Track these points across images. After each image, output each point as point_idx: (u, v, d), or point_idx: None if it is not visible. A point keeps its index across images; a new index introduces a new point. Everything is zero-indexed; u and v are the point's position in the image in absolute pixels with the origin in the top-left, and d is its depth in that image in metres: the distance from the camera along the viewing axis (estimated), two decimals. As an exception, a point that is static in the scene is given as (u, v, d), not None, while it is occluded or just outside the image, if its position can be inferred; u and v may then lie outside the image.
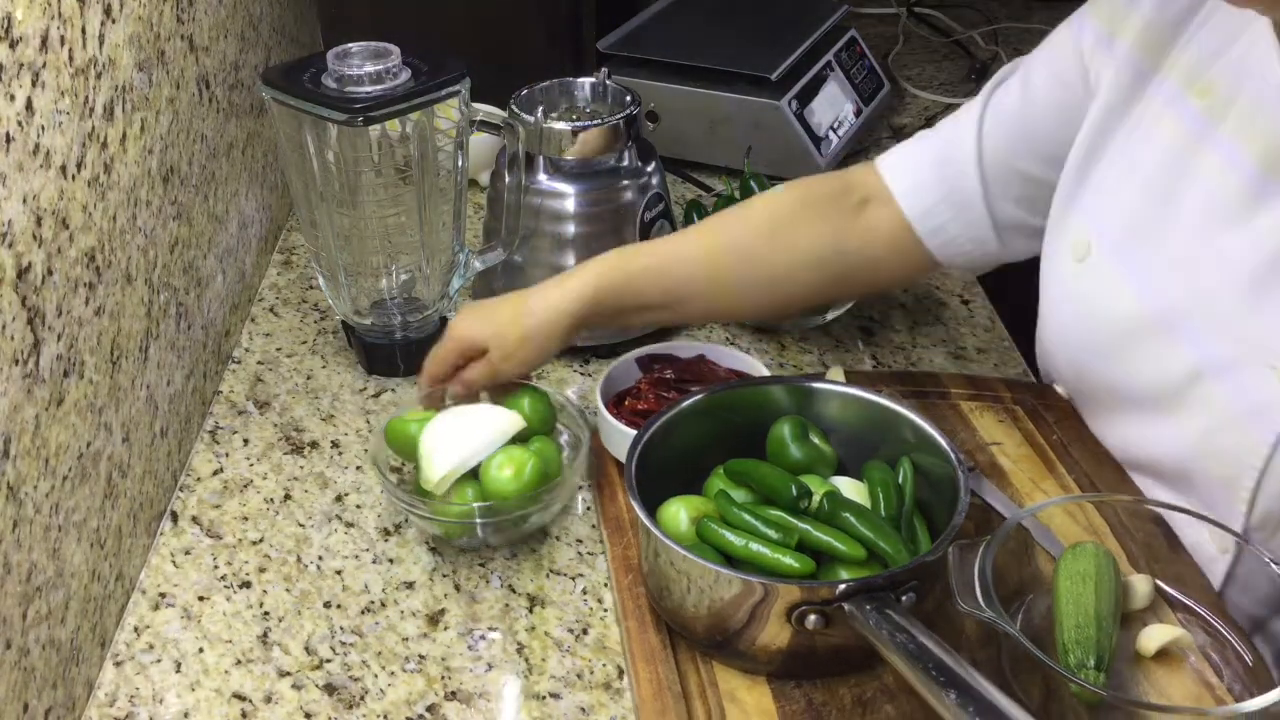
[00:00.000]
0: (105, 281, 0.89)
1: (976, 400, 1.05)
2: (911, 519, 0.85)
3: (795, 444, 0.90)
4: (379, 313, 1.17)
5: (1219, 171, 0.82)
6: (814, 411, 0.93)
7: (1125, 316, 0.87)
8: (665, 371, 1.05)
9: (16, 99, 0.75)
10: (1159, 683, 0.77)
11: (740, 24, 1.62)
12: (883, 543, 0.80)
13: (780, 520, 0.83)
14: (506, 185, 1.14)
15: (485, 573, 0.94)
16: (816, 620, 0.75)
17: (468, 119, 1.10)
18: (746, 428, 0.92)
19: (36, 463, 0.77)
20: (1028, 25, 2.00)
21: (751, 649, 0.79)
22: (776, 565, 0.80)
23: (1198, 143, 0.83)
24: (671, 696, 0.79)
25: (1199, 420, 0.83)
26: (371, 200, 1.11)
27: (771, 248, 1.02)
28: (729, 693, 0.80)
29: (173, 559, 0.96)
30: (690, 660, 0.82)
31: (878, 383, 1.07)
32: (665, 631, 0.84)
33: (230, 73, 1.23)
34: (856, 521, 0.82)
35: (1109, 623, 0.76)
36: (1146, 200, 0.86)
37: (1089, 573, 0.78)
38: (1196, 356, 0.82)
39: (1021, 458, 0.98)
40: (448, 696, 0.84)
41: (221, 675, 0.86)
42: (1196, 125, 0.84)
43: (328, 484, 1.04)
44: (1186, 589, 0.83)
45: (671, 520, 0.86)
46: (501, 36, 1.54)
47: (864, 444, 0.91)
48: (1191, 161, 0.84)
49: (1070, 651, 0.74)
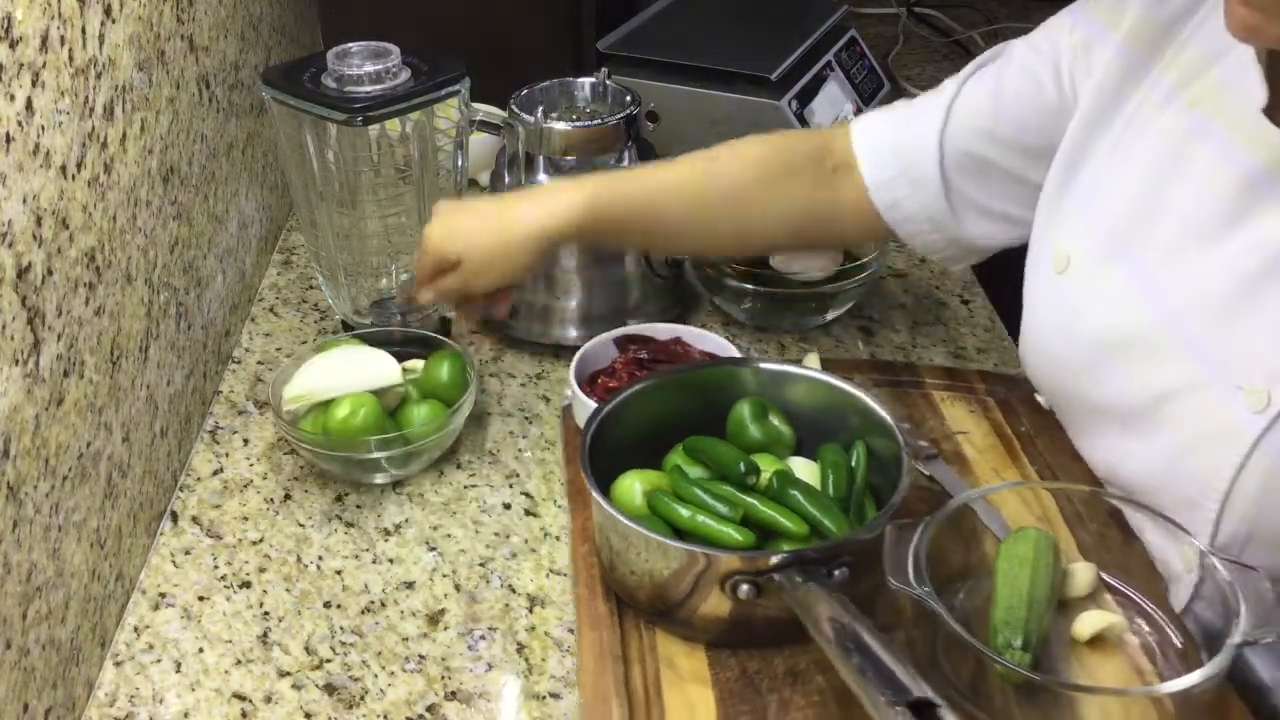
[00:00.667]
0: (105, 281, 0.89)
1: (949, 390, 1.07)
2: (862, 500, 0.88)
3: (754, 424, 0.92)
4: (379, 313, 1.17)
5: (1195, 193, 0.82)
6: (774, 394, 0.95)
7: (1099, 331, 0.87)
8: (640, 352, 1.07)
9: (16, 99, 0.75)
10: (1091, 667, 0.78)
11: (740, 24, 1.62)
12: (826, 520, 0.83)
13: (728, 495, 0.86)
14: (506, 185, 1.14)
15: (485, 573, 0.95)
16: (749, 590, 0.78)
17: (468, 119, 1.10)
18: (708, 407, 0.94)
19: (36, 463, 0.77)
20: (1028, 25, 1.98)
21: (691, 617, 0.82)
22: (720, 537, 0.83)
23: (1176, 159, 0.83)
24: (611, 659, 0.81)
25: (1166, 440, 0.83)
26: (371, 200, 1.11)
27: (757, 197, 1.02)
28: (667, 658, 0.82)
29: (173, 559, 0.96)
30: (635, 628, 0.85)
31: (854, 370, 1.10)
32: (613, 600, 0.87)
33: (230, 73, 1.23)
34: (804, 499, 0.85)
35: (1041, 606, 0.78)
36: (1125, 216, 0.86)
37: (1026, 557, 0.80)
38: (1167, 375, 0.82)
39: (987, 447, 1.00)
40: (448, 696, 0.84)
41: (221, 675, 0.86)
42: (1177, 142, 0.84)
43: (328, 484, 1.04)
44: (1131, 579, 0.84)
45: (626, 493, 0.88)
46: (501, 36, 1.54)
47: (822, 426, 0.93)
48: (1170, 179, 0.84)
49: (1000, 632, 0.76)
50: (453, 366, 1.05)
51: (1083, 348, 0.89)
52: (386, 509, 1.01)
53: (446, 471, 1.05)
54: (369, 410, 0.99)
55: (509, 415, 1.12)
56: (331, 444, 0.99)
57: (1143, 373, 0.84)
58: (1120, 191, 0.87)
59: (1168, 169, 0.84)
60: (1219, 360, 0.79)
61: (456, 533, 0.98)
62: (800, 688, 0.79)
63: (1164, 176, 0.84)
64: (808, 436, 0.94)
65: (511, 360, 1.20)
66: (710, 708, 0.78)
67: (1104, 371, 0.87)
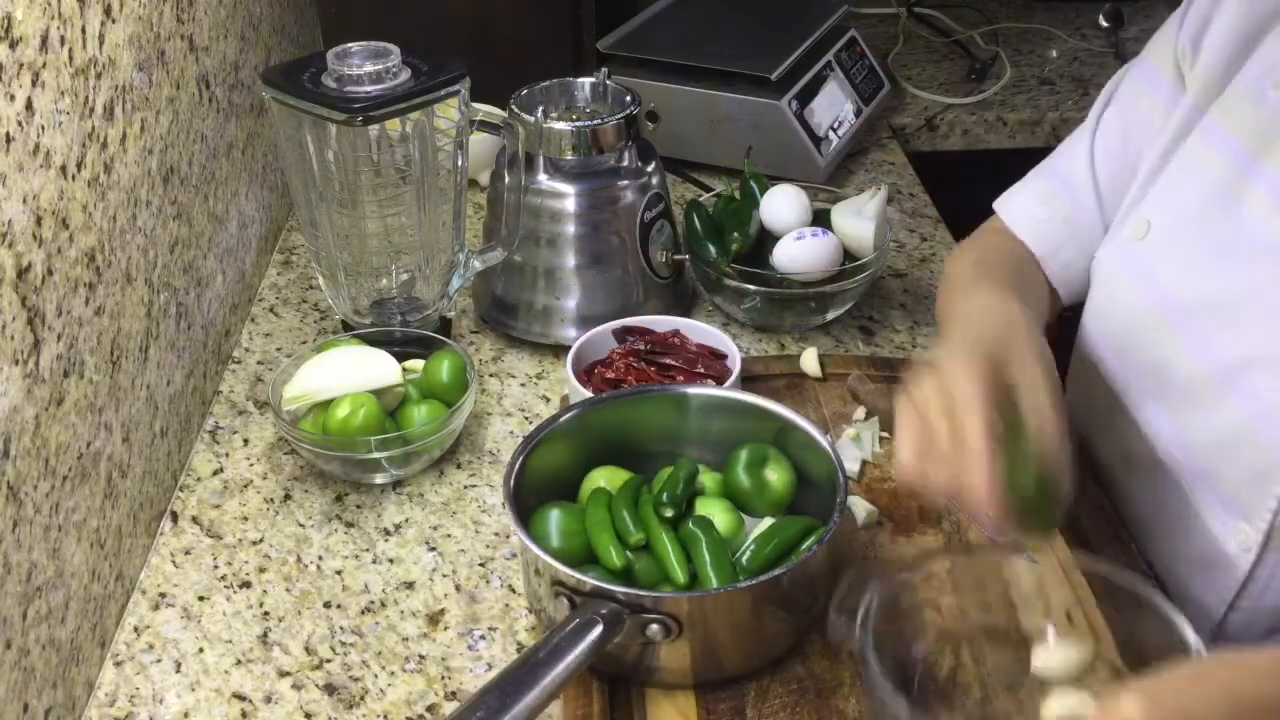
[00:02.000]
0: (105, 281, 0.89)
1: None
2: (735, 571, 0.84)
3: (745, 471, 0.89)
4: (379, 313, 1.17)
5: (1276, 164, 0.82)
6: (693, 416, 0.94)
7: (1179, 294, 0.87)
8: (639, 343, 1.07)
9: (16, 99, 0.75)
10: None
11: (740, 24, 1.62)
12: (714, 575, 0.81)
13: (634, 521, 0.85)
14: (506, 185, 1.14)
15: (485, 573, 0.95)
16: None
17: (468, 119, 1.10)
18: (639, 435, 0.94)
19: (36, 463, 0.77)
20: (1028, 25, 2.00)
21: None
22: (601, 552, 0.84)
23: (1273, 131, 0.84)
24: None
25: (1239, 410, 0.82)
26: (371, 200, 1.11)
27: None
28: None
29: (173, 559, 0.96)
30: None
31: (851, 366, 1.10)
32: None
33: (230, 73, 1.23)
34: (705, 550, 0.83)
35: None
36: (1218, 183, 0.87)
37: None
38: (1245, 344, 0.82)
39: None
40: (448, 696, 0.84)
41: (221, 675, 0.86)
42: (1273, 115, 0.84)
43: (328, 484, 1.04)
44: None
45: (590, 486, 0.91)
46: (501, 36, 1.54)
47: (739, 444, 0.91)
48: (1266, 149, 0.84)
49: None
50: (453, 366, 1.05)
51: (1160, 309, 0.88)
52: (386, 509, 1.01)
53: (446, 471, 1.05)
54: (369, 410, 0.99)
55: (509, 415, 1.12)
56: (331, 444, 0.99)
57: (1220, 340, 0.83)
58: (1215, 162, 0.87)
59: (1266, 139, 0.84)
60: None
61: (456, 533, 0.98)
62: (779, 676, 0.80)
63: (1260, 146, 0.84)
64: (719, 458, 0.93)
65: (511, 360, 1.20)
66: (690, 696, 0.79)
67: (1181, 335, 0.86)
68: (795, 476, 0.90)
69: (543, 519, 0.86)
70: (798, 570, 0.79)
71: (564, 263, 1.17)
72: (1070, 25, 1.99)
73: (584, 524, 0.86)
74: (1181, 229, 0.89)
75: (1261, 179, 0.84)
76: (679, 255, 1.23)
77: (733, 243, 1.19)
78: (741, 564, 0.83)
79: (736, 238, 1.20)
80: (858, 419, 1.04)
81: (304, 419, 1.02)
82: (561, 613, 0.80)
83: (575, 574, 0.78)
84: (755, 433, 0.91)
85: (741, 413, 0.93)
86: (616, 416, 0.93)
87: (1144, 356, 0.91)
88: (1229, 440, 0.83)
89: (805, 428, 0.89)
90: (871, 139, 1.64)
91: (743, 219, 1.22)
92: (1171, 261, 0.88)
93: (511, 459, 0.87)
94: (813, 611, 0.84)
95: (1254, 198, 0.84)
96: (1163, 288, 0.88)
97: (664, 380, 1.04)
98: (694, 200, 1.28)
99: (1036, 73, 1.84)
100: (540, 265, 1.18)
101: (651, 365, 1.05)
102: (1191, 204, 0.88)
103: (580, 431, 0.92)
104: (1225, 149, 0.87)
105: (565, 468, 0.92)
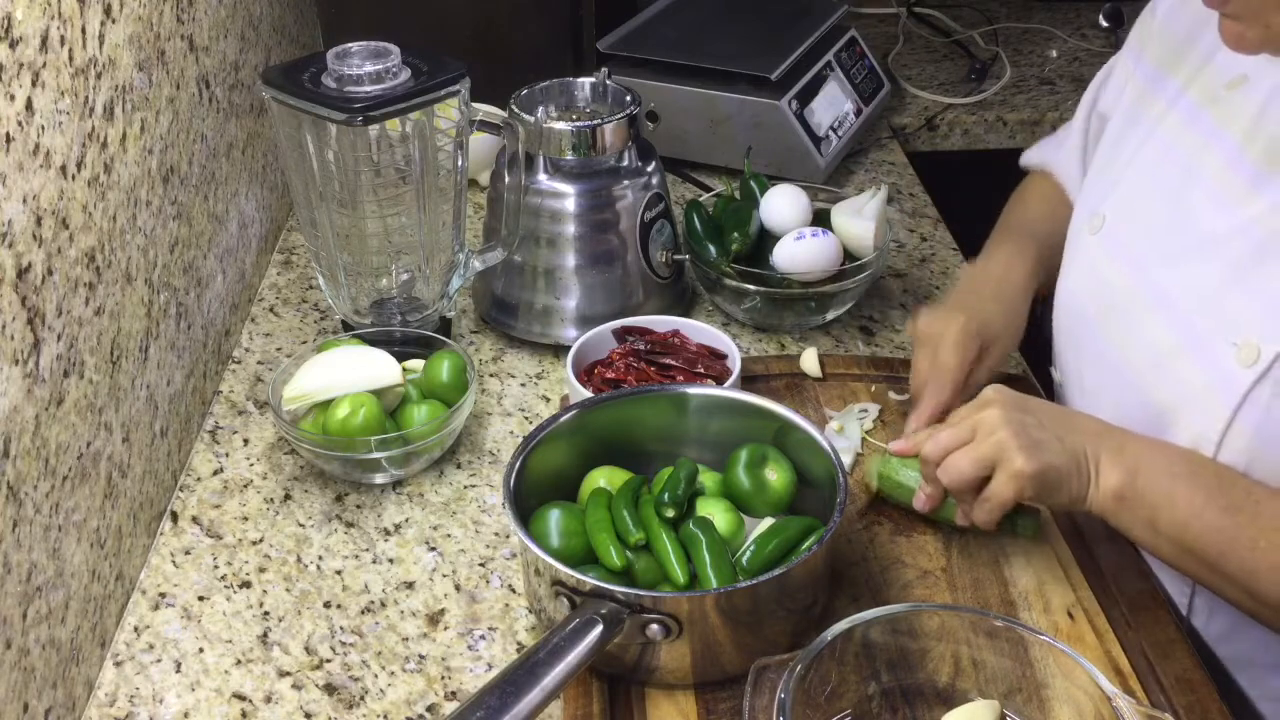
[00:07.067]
0: (105, 281, 0.89)
1: None
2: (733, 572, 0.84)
3: (745, 471, 0.89)
4: (379, 313, 1.17)
5: (1223, 165, 0.85)
6: (693, 416, 0.94)
7: (1124, 286, 0.91)
8: (638, 343, 1.07)
9: (16, 99, 0.75)
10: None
11: (740, 24, 1.62)
12: (714, 575, 0.81)
13: (634, 521, 0.85)
14: (506, 185, 1.14)
15: (485, 573, 0.95)
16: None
17: (468, 119, 1.10)
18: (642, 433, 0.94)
19: (36, 463, 0.77)
20: (1028, 25, 2.00)
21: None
22: (601, 552, 0.84)
23: (1206, 138, 0.88)
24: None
25: (1164, 396, 0.86)
26: (371, 200, 1.11)
27: None
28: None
29: (173, 559, 0.96)
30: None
31: (851, 366, 1.11)
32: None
33: (230, 73, 1.23)
34: (705, 550, 0.83)
35: None
36: (1155, 183, 0.91)
37: None
38: (1173, 332, 0.85)
39: None
40: (448, 696, 0.84)
41: (221, 675, 0.86)
42: (1203, 126, 0.88)
43: (328, 484, 1.04)
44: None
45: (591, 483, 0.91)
46: (501, 36, 1.54)
47: (739, 443, 0.91)
48: (1198, 154, 0.88)
49: None
50: (453, 366, 1.05)
51: (1108, 301, 0.93)
52: (386, 509, 1.01)
53: (446, 471, 1.05)
54: (369, 410, 0.99)
55: (509, 415, 1.12)
56: (331, 444, 0.99)
57: (1151, 328, 0.87)
58: (1154, 161, 0.92)
59: (1197, 145, 0.88)
60: (1222, 319, 0.82)
61: (456, 533, 0.98)
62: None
63: (1193, 152, 0.88)
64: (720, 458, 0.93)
65: (511, 360, 1.20)
66: (690, 696, 0.79)
67: (1125, 325, 0.90)
68: (795, 476, 0.90)
69: (543, 519, 0.86)
70: (798, 570, 0.79)
71: (564, 263, 1.17)
72: (1070, 25, 1.99)
73: (584, 524, 0.86)
74: (1128, 223, 0.93)
75: (1201, 176, 0.87)
76: (679, 255, 1.23)
77: (733, 243, 1.19)
78: (741, 564, 0.84)
79: (736, 238, 1.20)
80: (834, 413, 1.05)
81: (304, 419, 1.02)
82: (561, 613, 0.80)
83: (575, 574, 0.78)
84: (755, 433, 0.91)
85: (741, 413, 0.93)
86: (616, 416, 0.93)
87: (1094, 346, 0.95)
88: (1158, 428, 0.86)
89: (805, 428, 0.89)
90: (871, 139, 1.64)
91: (743, 219, 1.22)
92: (1119, 256, 0.93)
93: (511, 459, 0.87)
94: (812, 612, 0.84)
95: (1199, 193, 0.87)
96: (1111, 283, 0.93)
97: (664, 380, 1.04)
98: (694, 200, 1.28)
99: (1036, 73, 1.84)
100: (540, 265, 1.18)
101: (651, 365, 1.05)
102: (1137, 196, 0.93)
103: (580, 431, 0.92)
104: (1181, 144, 0.91)
105: (565, 468, 0.92)
